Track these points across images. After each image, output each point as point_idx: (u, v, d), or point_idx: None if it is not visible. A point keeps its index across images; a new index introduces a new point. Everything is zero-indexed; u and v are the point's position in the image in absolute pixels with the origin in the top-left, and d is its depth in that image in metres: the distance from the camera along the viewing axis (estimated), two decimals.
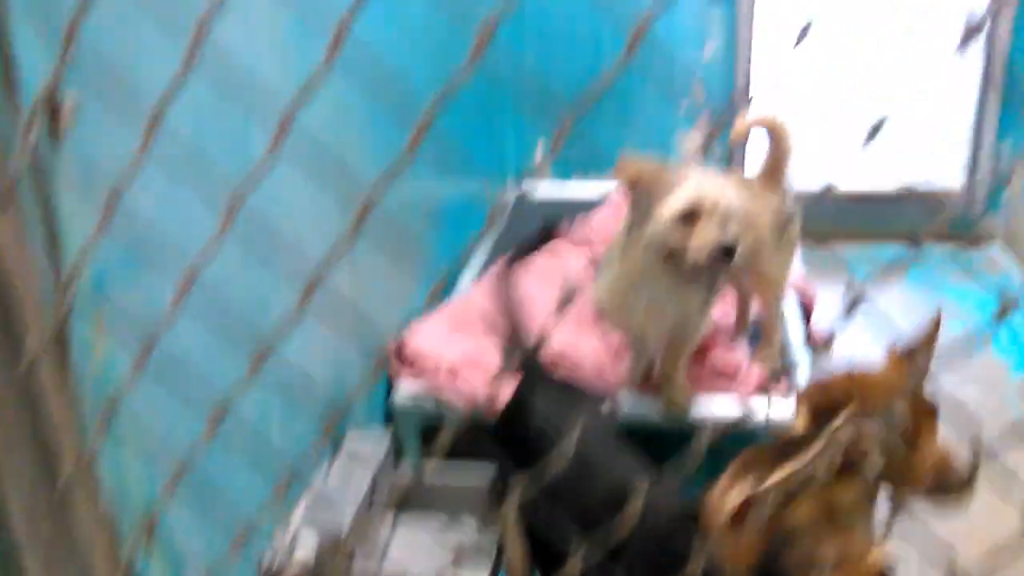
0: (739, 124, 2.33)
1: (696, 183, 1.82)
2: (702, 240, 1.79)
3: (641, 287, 1.93)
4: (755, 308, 2.44)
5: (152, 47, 1.04)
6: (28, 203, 0.92)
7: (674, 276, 1.89)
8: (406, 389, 2.23)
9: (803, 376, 2.25)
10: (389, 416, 2.31)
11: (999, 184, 3.55)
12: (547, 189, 3.55)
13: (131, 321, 1.11)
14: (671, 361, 2.07)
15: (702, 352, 2.31)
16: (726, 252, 1.78)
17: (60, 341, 0.99)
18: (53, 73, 0.78)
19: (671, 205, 1.81)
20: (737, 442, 1.30)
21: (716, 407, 2.09)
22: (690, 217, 1.80)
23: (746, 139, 2.68)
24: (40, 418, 0.97)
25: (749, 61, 3.34)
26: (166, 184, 1.16)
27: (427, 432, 2.30)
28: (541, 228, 3.26)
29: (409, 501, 1.90)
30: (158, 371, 1.16)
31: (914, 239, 3.63)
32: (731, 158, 3.57)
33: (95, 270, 1.04)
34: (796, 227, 2.30)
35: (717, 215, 1.80)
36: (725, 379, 2.29)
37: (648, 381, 2.19)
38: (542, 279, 2.80)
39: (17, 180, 0.87)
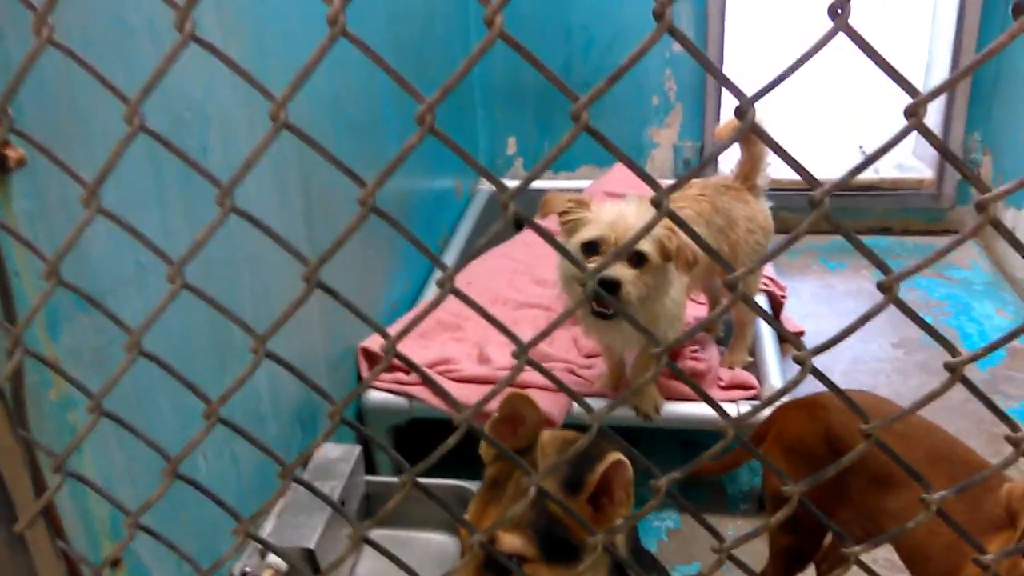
0: (719, 128, 2.33)
1: (606, 220, 1.81)
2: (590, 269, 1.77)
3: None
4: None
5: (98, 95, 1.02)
6: None
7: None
8: (376, 391, 2.23)
9: (774, 375, 2.26)
10: (359, 416, 2.30)
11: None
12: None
13: (85, 359, 1.09)
14: (640, 370, 2.07)
15: (672, 355, 2.31)
16: (606, 285, 1.75)
17: (15, 379, 0.97)
18: None
19: (577, 237, 1.81)
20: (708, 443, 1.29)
21: (684, 411, 2.12)
22: (592, 249, 1.80)
23: (728, 140, 2.64)
24: None
25: (721, 54, 3.31)
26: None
27: (397, 432, 2.30)
28: (514, 219, 3.25)
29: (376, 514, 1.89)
30: (118, 401, 1.14)
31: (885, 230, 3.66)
32: (703, 158, 3.57)
33: (48, 310, 1.02)
34: (770, 228, 2.29)
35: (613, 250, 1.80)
36: (696, 381, 2.29)
37: (618, 388, 2.19)
38: (514, 269, 2.80)
39: None
